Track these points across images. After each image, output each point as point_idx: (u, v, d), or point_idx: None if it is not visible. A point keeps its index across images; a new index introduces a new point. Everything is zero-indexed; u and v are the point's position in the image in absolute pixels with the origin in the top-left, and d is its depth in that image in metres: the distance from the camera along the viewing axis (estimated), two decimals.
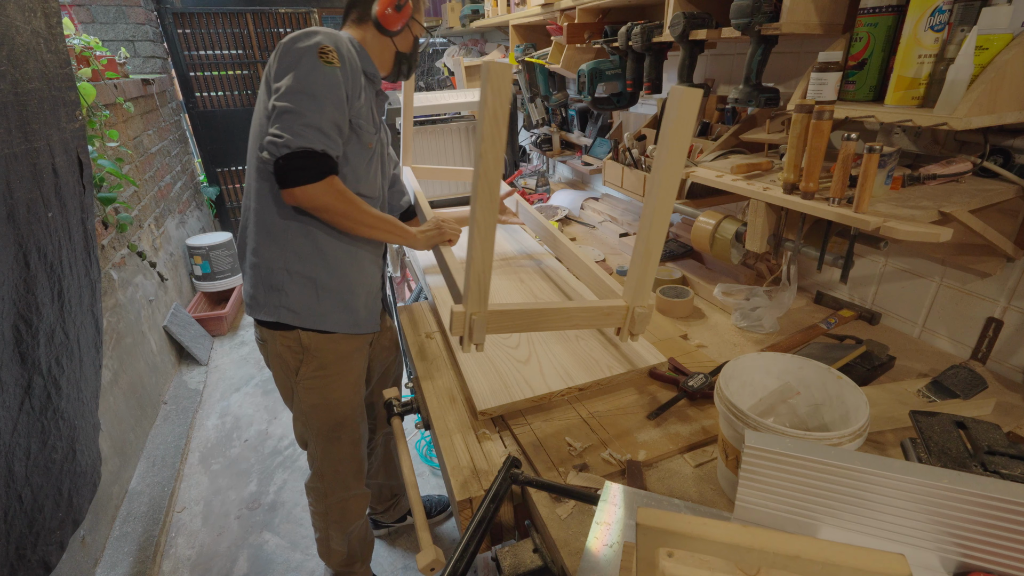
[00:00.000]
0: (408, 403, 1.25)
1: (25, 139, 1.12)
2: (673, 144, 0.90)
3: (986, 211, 0.97)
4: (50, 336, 1.22)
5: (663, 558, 0.54)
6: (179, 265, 3.45)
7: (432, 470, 2.25)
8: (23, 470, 1.15)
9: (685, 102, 0.87)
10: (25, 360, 1.14)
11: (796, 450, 0.59)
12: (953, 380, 1.02)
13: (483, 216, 0.87)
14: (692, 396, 1.07)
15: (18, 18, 1.09)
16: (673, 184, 0.94)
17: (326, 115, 1.10)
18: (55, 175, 1.22)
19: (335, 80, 1.10)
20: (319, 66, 1.08)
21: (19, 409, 1.13)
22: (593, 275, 1.31)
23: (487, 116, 0.81)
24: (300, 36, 1.11)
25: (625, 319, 1.07)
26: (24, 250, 1.12)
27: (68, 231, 1.29)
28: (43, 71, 1.19)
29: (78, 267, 1.35)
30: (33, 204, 1.14)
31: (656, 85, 1.57)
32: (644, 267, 1.01)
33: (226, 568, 1.91)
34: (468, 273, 0.92)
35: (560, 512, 0.85)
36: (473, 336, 0.98)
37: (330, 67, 1.09)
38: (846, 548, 0.44)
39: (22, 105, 1.11)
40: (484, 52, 3.36)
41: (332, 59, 1.10)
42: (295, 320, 1.27)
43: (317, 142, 1.09)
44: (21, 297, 1.12)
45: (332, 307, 1.29)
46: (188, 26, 4.07)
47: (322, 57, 1.09)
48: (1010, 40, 0.82)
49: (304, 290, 1.26)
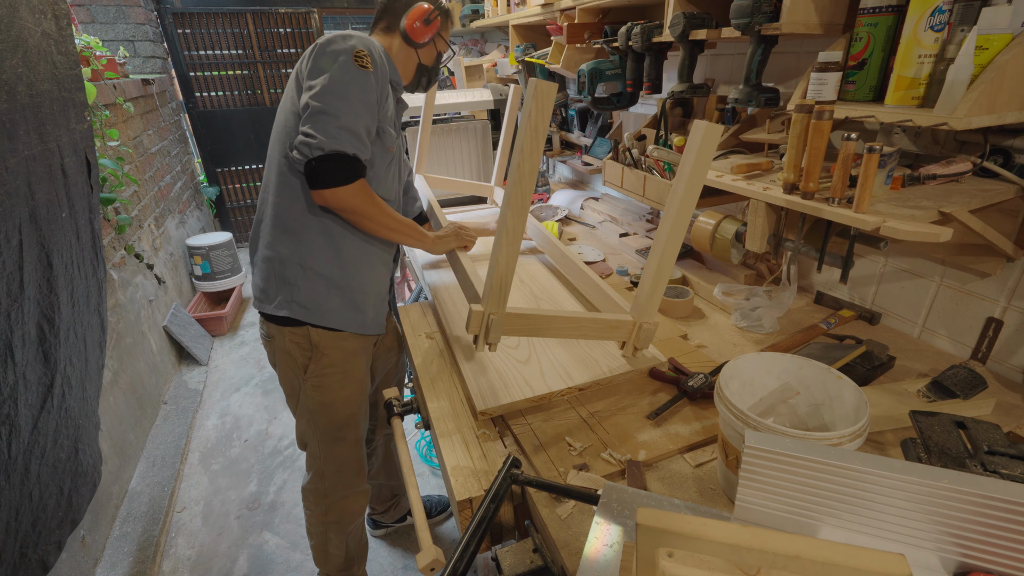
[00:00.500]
0: (408, 403, 1.25)
1: (41, 140, 1.13)
2: (693, 177, 0.97)
3: (986, 211, 0.97)
4: (67, 335, 1.23)
5: (663, 558, 0.54)
6: (179, 265, 3.45)
7: (432, 470, 2.25)
8: (37, 468, 1.15)
9: (707, 137, 0.94)
10: (48, 359, 1.15)
11: (796, 450, 0.59)
12: (953, 380, 1.02)
13: (513, 222, 0.93)
14: (692, 396, 1.07)
15: (30, 20, 1.10)
16: (688, 211, 1.02)
17: (360, 119, 1.13)
18: (64, 176, 1.23)
19: (369, 84, 1.13)
20: (354, 69, 1.11)
21: (41, 408, 1.14)
22: (601, 292, 1.34)
23: (528, 129, 0.87)
24: (336, 38, 1.14)
25: (631, 334, 1.14)
26: (47, 250, 1.13)
27: (76, 231, 1.29)
28: (54, 72, 1.20)
29: (86, 267, 1.35)
30: (51, 205, 1.16)
31: (656, 85, 1.57)
32: (653, 287, 1.09)
33: (226, 568, 1.91)
34: (491, 275, 0.97)
35: (560, 512, 0.85)
36: (489, 335, 1.03)
37: (364, 72, 1.12)
38: (846, 548, 0.44)
39: (37, 107, 1.11)
40: (484, 52, 3.36)
41: (367, 63, 1.13)
42: (305, 316, 1.27)
43: (350, 146, 1.11)
44: (44, 296, 1.13)
45: (342, 305, 1.30)
46: (188, 26, 4.07)
47: (357, 61, 1.11)
48: (1010, 40, 0.82)
49: (316, 286, 1.27)
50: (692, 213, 1.04)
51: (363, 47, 1.14)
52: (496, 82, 2.73)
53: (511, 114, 2.02)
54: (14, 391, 1.04)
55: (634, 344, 1.15)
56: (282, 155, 1.22)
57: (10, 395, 1.03)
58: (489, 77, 2.78)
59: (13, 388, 1.03)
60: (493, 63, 2.76)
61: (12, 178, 1.02)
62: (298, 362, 1.34)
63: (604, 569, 0.61)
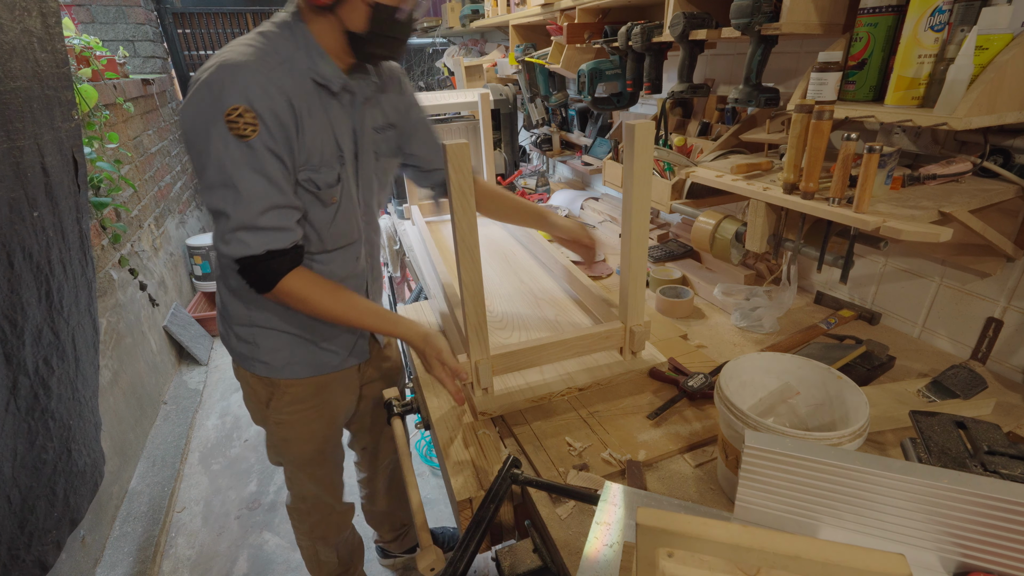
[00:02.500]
0: (408, 403, 1.25)
1: (8, 138, 1.11)
2: (639, 173, 1.00)
3: (986, 211, 0.97)
4: (37, 336, 1.21)
5: (663, 558, 0.54)
6: (179, 265, 3.44)
7: (432, 470, 2.25)
8: (10, 471, 1.15)
9: (640, 134, 0.97)
10: (10, 360, 1.14)
11: (796, 450, 0.59)
12: (953, 380, 1.02)
13: (469, 277, 0.97)
14: (692, 396, 1.07)
15: (4, 16, 1.09)
16: (645, 211, 1.05)
17: (255, 205, 0.91)
18: (45, 174, 1.21)
19: (257, 154, 0.89)
20: (231, 142, 0.87)
21: (4, 410, 1.13)
22: (594, 297, 1.35)
23: (455, 194, 0.90)
24: (200, 88, 0.88)
25: (624, 339, 1.17)
26: (8, 250, 1.11)
27: (61, 231, 1.28)
28: (35, 70, 1.18)
29: (73, 267, 1.34)
30: (16, 203, 1.13)
31: (656, 85, 1.57)
32: (634, 288, 1.11)
33: (226, 568, 1.90)
34: (466, 326, 1.02)
35: (560, 512, 0.85)
36: (481, 380, 1.07)
37: (244, 140, 0.88)
38: (846, 548, 0.44)
39: (4, 104, 1.10)
40: (484, 52, 3.36)
41: (244, 127, 0.87)
42: (266, 371, 1.17)
43: (256, 245, 0.93)
44: (5, 297, 1.11)
45: (307, 356, 1.18)
46: (188, 26, 4.08)
47: (233, 129, 0.87)
48: (1010, 40, 0.82)
49: (277, 343, 1.15)
50: (649, 207, 1.05)
51: (237, 98, 0.86)
52: (496, 82, 2.73)
53: (485, 120, 2.08)
54: None
55: (630, 348, 1.17)
56: None
57: None
58: (489, 77, 2.78)
59: None
60: (493, 63, 2.76)
61: None
62: (260, 396, 1.23)
63: (604, 569, 0.61)
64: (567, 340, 1.11)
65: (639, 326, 1.14)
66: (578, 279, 1.43)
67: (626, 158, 1.00)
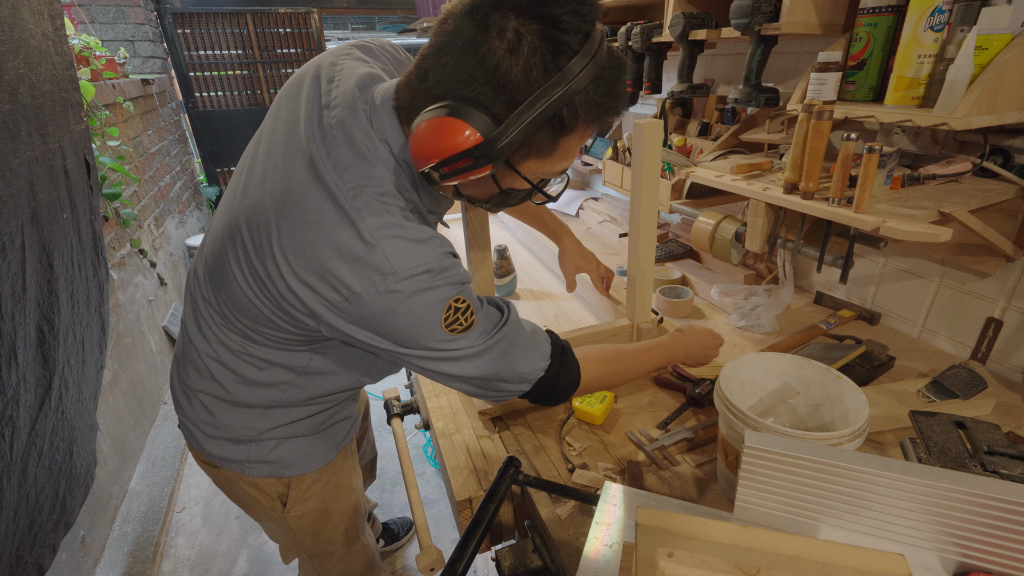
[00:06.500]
0: (408, 403, 1.25)
1: (43, 141, 1.12)
2: (647, 173, 1.01)
3: (986, 211, 0.97)
4: (66, 337, 1.23)
5: (663, 558, 0.54)
6: (179, 265, 3.44)
7: (432, 470, 2.25)
8: (34, 470, 1.15)
9: (649, 133, 0.97)
10: (47, 361, 1.15)
11: (796, 450, 0.59)
12: (953, 380, 1.02)
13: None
14: (700, 403, 1.07)
15: (31, 21, 1.10)
16: (653, 209, 1.06)
17: (521, 363, 0.78)
18: (67, 176, 1.23)
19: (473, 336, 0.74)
20: (448, 340, 0.71)
21: (39, 409, 1.14)
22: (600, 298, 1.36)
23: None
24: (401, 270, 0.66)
25: (631, 336, 1.17)
26: (47, 251, 1.13)
27: (78, 232, 1.29)
28: (53, 73, 1.19)
29: (87, 268, 1.35)
30: (52, 206, 1.15)
31: (656, 85, 1.57)
32: (641, 286, 1.13)
33: (226, 568, 1.90)
34: None
35: (560, 512, 0.85)
36: None
37: (461, 331, 0.72)
38: (846, 548, 0.44)
39: (38, 108, 1.11)
40: None
41: (464, 320, 0.72)
42: (271, 471, 0.95)
43: (532, 373, 0.80)
44: (44, 298, 1.13)
45: (317, 443, 0.98)
46: (188, 26, 4.07)
47: (452, 330, 0.71)
48: (1010, 40, 0.82)
49: (281, 443, 0.94)
50: (657, 205, 1.06)
51: (458, 289, 0.70)
52: None
53: None
54: (16, 392, 1.04)
55: None
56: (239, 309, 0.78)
57: (13, 396, 1.03)
58: None
59: (16, 389, 1.03)
60: None
61: (15, 179, 1.02)
62: (270, 496, 0.99)
63: (604, 569, 0.61)
64: (574, 338, 1.10)
65: (646, 324, 1.13)
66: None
67: (634, 157, 1.00)
